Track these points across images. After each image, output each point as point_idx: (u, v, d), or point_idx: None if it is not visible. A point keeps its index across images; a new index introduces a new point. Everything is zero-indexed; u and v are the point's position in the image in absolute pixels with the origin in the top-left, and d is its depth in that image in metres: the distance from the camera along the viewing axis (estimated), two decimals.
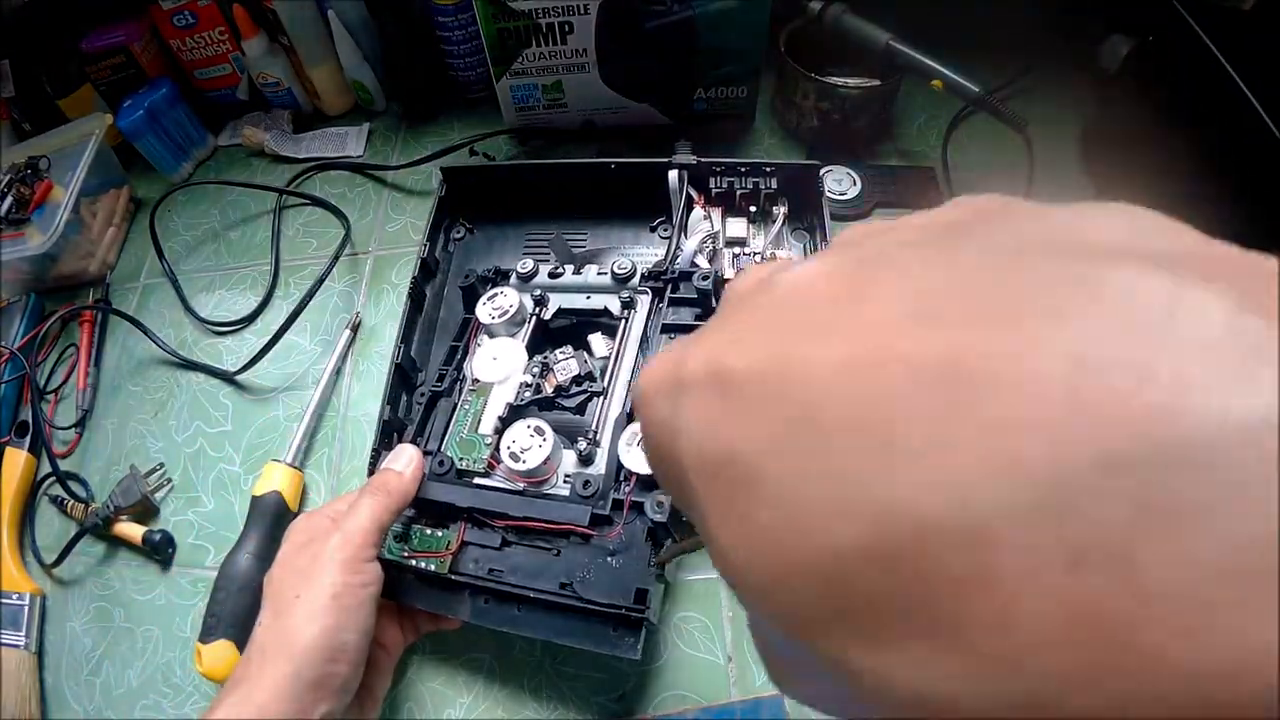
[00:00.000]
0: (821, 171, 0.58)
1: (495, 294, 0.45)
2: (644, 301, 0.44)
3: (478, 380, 0.43)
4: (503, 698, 0.41)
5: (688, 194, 0.48)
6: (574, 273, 0.46)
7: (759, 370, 0.11)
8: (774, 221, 0.49)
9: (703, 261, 0.46)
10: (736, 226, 0.49)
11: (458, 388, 0.44)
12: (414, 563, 0.38)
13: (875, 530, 0.09)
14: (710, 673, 0.41)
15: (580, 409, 0.41)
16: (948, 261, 0.10)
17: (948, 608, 0.08)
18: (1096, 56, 0.55)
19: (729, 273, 0.47)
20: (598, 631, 0.35)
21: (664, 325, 0.42)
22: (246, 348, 0.56)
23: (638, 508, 0.36)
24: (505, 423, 0.40)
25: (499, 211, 0.54)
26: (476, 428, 0.41)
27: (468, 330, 0.46)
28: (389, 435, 0.44)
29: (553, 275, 0.46)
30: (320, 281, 0.55)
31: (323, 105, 0.71)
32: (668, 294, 0.43)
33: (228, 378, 0.56)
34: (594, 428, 0.39)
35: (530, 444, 0.38)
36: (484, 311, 0.45)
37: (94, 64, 0.67)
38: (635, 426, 0.37)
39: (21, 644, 0.47)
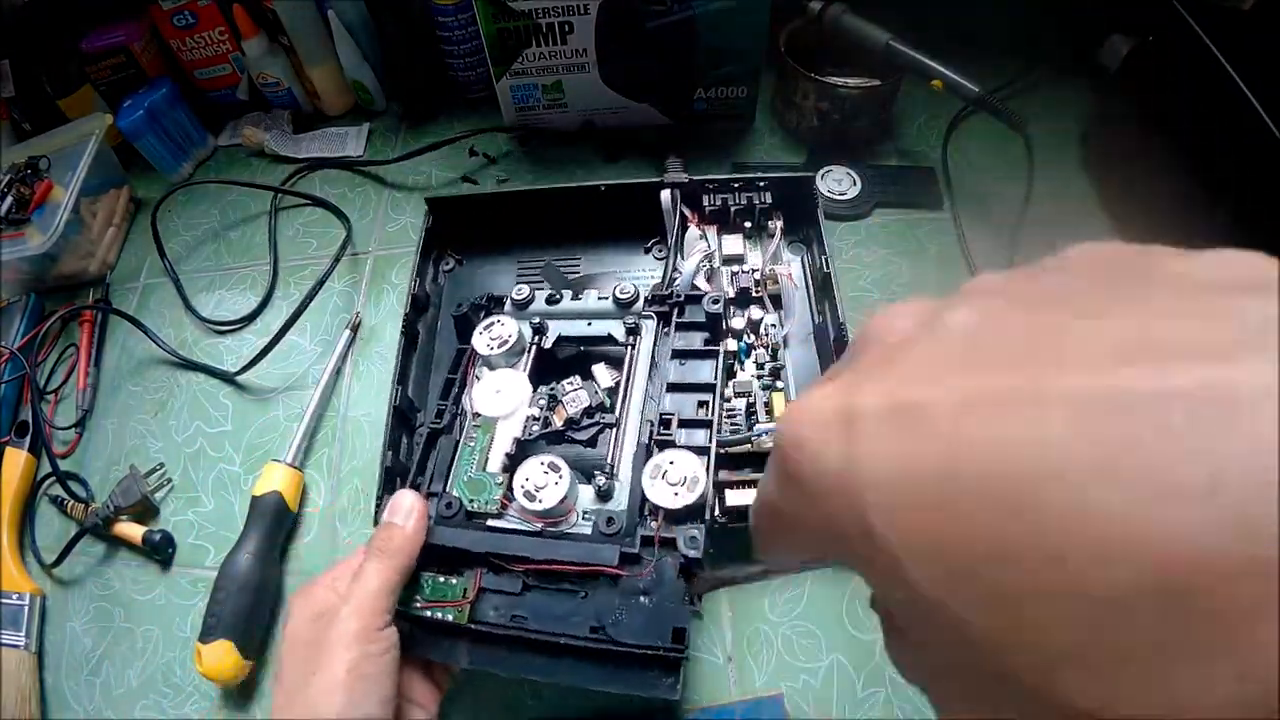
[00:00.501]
0: (821, 172, 0.58)
1: (492, 323, 0.43)
2: (649, 327, 0.42)
3: (479, 415, 0.40)
4: (503, 698, 0.41)
5: (681, 213, 0.47)
6: (573, 298, 0.44)
7: (962, 403, 0.10)
8: (771, 236, 0.48)
9: (702, 282, 0.45)
10: (733, 243, 0.49)
11: (458, 424, 0.41)
12: (428, 613, 0.35)
13: (1155, 572, 0.09)
14: (710, 673, 0.41)
15: (592, 442, 0.39)
16: (1113, 303, 0.10)
17: (1226, 638, 0.08)
18: (1096, 56, 0.55)
19: (729, 291, 0.46)
20: (634, 673, 0.32)
21: (674, 351, 0.40)
22: (247, 348, 0.56)
23: (667, 543, 0.34)
24: (514, 459, 0.38)
25: (488, 241, 0.53)
26: (484, 466, 0.38)
27: (464, 362, 0.43)
28: (392, 482, 0.42)
29: (551, 302, 0.44)
30: (321, 282, 0.55)
31: (323, 105, 0.71)
32: (674, 319, 0.41)
33: (228, 378, 0.56)
34: (610, 461, 0.37)
35: (545, 481, 0.35)
36: (480, 342, 0.42)
37: (94, 64, 0.67)
38: (658, 459, 0.35)
39: (21, 644, 0.47)
